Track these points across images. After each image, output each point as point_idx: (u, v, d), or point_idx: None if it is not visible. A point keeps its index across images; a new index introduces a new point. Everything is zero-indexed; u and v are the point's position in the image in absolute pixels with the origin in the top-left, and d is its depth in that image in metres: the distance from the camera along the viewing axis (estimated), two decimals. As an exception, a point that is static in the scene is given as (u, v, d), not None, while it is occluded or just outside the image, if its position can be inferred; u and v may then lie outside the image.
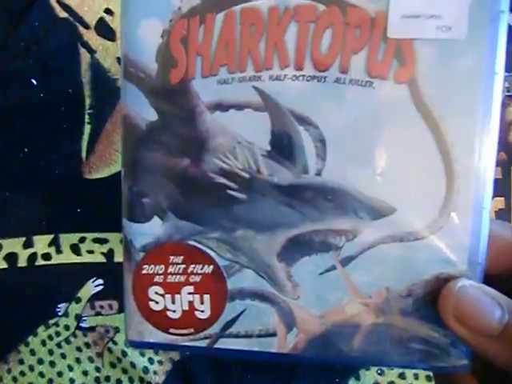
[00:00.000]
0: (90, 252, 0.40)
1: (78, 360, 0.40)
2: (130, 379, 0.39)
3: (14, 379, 0.40)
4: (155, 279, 0.19)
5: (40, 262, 0.41)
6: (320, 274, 0.17)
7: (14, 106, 0.41)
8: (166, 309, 0.19)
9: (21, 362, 0.40)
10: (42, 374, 0.40)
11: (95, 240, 0.41)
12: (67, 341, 0.40)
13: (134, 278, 0.19)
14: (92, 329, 0.40)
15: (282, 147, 0.17)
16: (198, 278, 0.19)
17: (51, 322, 0.40)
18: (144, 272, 0.19)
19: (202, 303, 0.18)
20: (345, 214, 0.17)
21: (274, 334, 0.18)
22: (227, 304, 0.18)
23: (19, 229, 0.41)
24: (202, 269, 0.18)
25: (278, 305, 0.18)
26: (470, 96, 0.16)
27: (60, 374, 0.40)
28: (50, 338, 0.40)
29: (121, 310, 0.40)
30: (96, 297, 0.40)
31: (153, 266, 0.19)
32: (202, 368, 0.39)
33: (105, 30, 0.41)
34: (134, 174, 0.19)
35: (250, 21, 0.16)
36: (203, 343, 0.19)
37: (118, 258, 0.40)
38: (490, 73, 0.16)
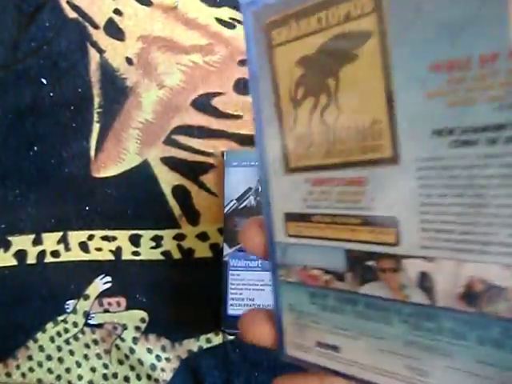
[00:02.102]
0: (99, 249, 0.41)
1: (85, 356, 0.40)
2: (138, 376, 0.40)
3: (23, 375, 0.40)
4: None
5: (49, 259, 0.41)
6: None
7: (25, 105, 0.42)
8: None
9: (30, 358, 0.40)
10: (50, 371, 0.40)
11: (103, 237, 0.41)
12: (75, 337, 0.40)
13: None
14: (100, 326, 0.40)
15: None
16: None
17: (60, 318, 0.40)
18: None
19: None
20: None
21: None
22: None
23: (28, 226, 0.41)
24: None
25: None
26: None
27: (68, 370, 0.40)
28: (59, 334, 0.40)
29: (128, 307, 0.40)
30: (104, 294, 0.40)
31: None
32: (209, 365, 0.39)
33: (114, 30, 0.42)
34: None
35: None
36: None
37: (126, 255, 0.41)
38: None
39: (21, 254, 0.41)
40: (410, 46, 0.16)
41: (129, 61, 0.42)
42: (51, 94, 0.42)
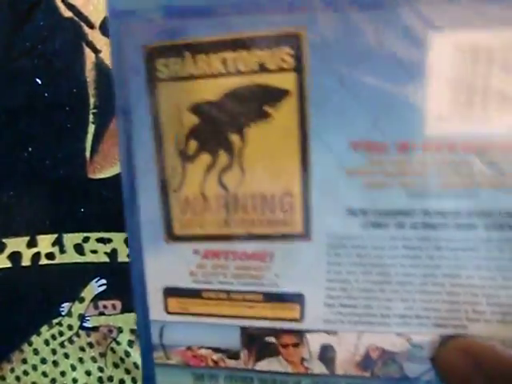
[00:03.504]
0: (94, 252, 0.40)
1: (81, 360, 0.40)
2: (133, 379, 0.39)
3: (18, 378, 0.40)
4: None
5: (44, 261, 0.41)
6: None
7: (19, 106, 0.42)
8: None
9: (24, 361, 0.40)
10: (45, 374, 0.40)
11: (99, 240, 0.40)
12: (70, 340, 0.40)
13: None
14: (95, 329, 0.40)
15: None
16: None
17: (55, 321, 0.40)
18: None
19: None
20: None
21: None
22: None
23: (23, 228, 0.41)
24: None
25: None
26: None
27: (63, 373, 0.40)
28: (54, 337, 0.40)
29: (124, 309, 0.40)
30: (99, 297, 0.40)
31: None
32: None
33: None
34: None
35: None
36: None
37: (122, 257, 0.40)
38: None
39: (15, 256, 0.41)
40: (332, 117, 0.14)
41: (125, 61, 0.41)
42: (46, 94, 0.41)
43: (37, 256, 0.41)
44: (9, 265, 0.41)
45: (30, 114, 0.42)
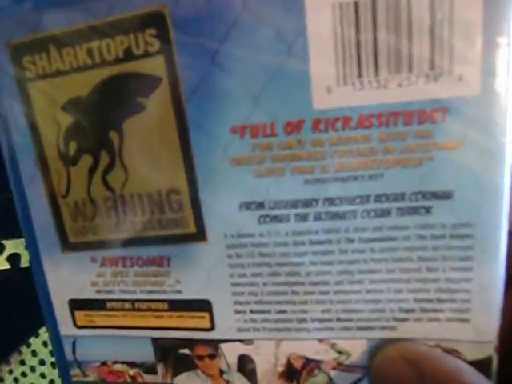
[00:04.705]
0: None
1: (77, 362, 0.40)
2: (130, 382, 0.39)
3: (16, 380, 0.40)
4: None
5: (42, 262, 0.41)
6: None
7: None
8: None
9: (22, 362, 0.40)
10: (43, 375, 0.40)
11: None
12: (67, 342, 0.40)
13: None
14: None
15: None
16: None
17: (52, 323, 0.40)
18: None
19: None
20: None
21: None
22: None
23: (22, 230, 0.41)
24: None
25: None
26: None
27: (60, 375, 0.40)
28: (51, 339, 0.40)
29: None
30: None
31: None
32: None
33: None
34: None
35: None
36: None
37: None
38: None
39: (14, 258, 0.41)
40: (208, 100, 0.13)
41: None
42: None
43: (35, 257, 0.41)
44: (7, 266, 0.41)
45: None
